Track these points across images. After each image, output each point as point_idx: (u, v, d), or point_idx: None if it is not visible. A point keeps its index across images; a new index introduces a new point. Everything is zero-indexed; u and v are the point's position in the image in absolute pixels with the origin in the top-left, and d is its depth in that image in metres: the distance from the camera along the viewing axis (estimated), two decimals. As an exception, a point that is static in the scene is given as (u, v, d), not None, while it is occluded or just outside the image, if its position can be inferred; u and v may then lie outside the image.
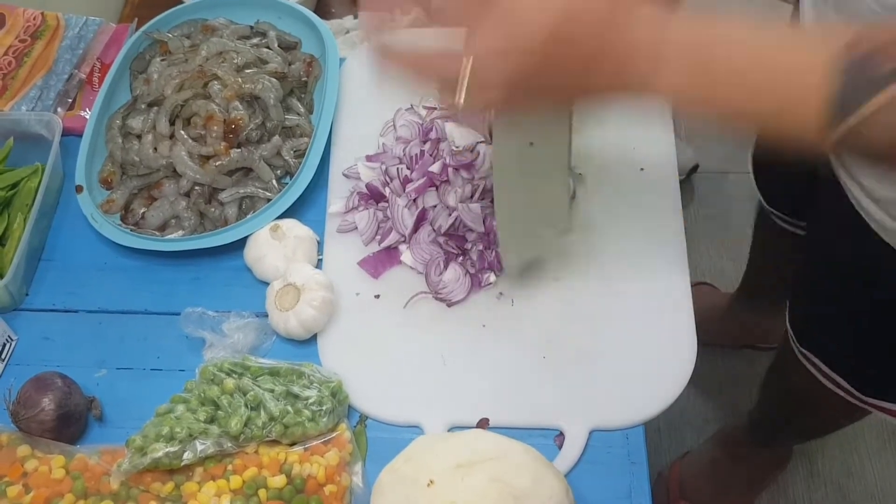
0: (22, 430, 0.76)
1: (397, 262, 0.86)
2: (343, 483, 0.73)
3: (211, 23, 1.03)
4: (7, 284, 0.84)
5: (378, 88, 0.95)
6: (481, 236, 0.85)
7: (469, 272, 0.84)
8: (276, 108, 0.94)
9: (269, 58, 0.98)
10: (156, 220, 0.90)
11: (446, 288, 0.83)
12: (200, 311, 0.82)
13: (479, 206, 0.85)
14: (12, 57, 1.03)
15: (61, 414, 0.76)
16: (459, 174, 0.87)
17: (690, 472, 1.47)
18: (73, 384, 0.78)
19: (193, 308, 0.82)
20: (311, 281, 0.81)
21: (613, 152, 0.92)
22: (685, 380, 0.78)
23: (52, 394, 0.76)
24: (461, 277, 0.84)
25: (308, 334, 0.82)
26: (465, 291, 0.83)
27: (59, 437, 0.76)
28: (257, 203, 0.91)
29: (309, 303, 0.80)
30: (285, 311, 0.81)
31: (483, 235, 0.85)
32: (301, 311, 0.80)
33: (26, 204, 0.91)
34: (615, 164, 0.91)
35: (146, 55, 1.02)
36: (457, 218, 0.85)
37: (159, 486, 0.73)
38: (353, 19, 1.13)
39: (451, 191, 0.86)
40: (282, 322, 0.81)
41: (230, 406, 0.74)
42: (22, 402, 0.76)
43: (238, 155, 0.91)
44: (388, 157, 0.92)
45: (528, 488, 0.66)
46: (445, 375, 0.80)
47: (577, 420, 0.76)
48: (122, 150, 0.94)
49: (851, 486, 1.54)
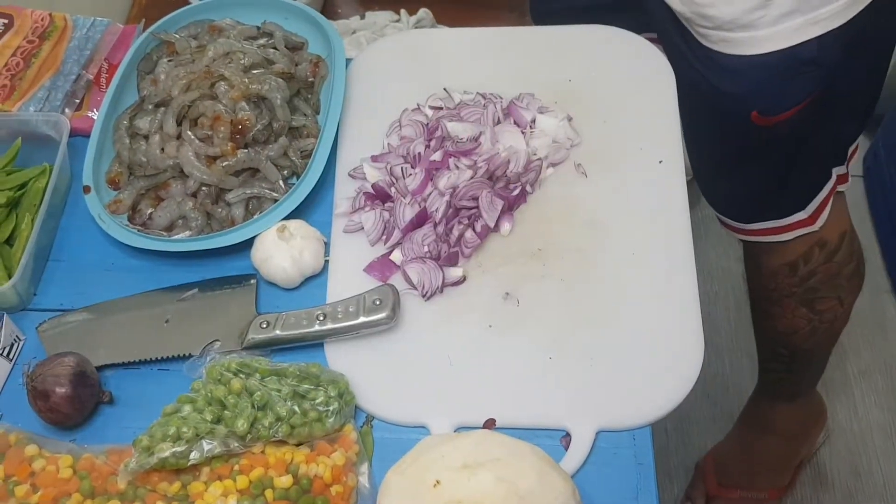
0: (36, 390, 0.77)
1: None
2: (349, 483, 0.73)
3: (218, 23, 1.03)
4: (15, 284, 0.84)
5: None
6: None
7: (476, 231, 0.85)
8: (283, 109, 0.94)
9: (276, 58, 0.98)
10: (163, 220, 0.91)
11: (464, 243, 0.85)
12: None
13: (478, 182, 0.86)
14: (20, 58, 1.04)
15: (79, 372, 0.77)
16: (460, 161, 0.87)
17: (724, 457, 1.50)
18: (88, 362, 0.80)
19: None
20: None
21: (620, 152, 0.91)
22: (692, 380, 0.78)
23: (71, 356, 0.79)
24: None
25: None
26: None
27: (74, 396, 0.77)
28: (264, 203, 0.91)
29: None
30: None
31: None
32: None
33: (34, 204, 0.91)
34: (622, 163, 0.91)
35: (153, 56, 1.03)
36: (448, 202, 0.85)
37: (166, 486, 0.73)
38: (359, 20, 1.13)
39: (445, 175, 0.86)
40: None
41: (237, 406, 0.74)
42: (41, 363, 0.79)
43: (245, 155, 0.91)
44: (392, 156, 0.92)
45: (534, 489, 0.66)
46: (452, 376, 0.80)
47: (583, 421, 0.76)
48: (129, 151, 0.95)
49: (859, 487, 1.54)
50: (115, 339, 0.84)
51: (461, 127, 0.91)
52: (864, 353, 1.68)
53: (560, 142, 0.91)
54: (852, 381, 1.66)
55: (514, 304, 0.83)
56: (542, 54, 0.81)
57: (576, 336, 0.81)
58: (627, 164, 0.91)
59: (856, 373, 1.67)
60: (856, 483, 1.54)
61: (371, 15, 1.11)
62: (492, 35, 1.02)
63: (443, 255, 0.84)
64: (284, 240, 0.85)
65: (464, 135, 0.90)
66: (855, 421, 1.61)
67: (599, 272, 0.84)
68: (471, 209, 0.86)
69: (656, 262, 0.84)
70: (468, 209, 0.87)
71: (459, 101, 0.95)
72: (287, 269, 0.84)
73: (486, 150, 0.89)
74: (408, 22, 1.09)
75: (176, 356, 0.82)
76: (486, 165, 0.87)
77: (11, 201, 0.92)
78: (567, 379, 0.78)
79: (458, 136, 0.90)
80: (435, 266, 0.84)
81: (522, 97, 0.94)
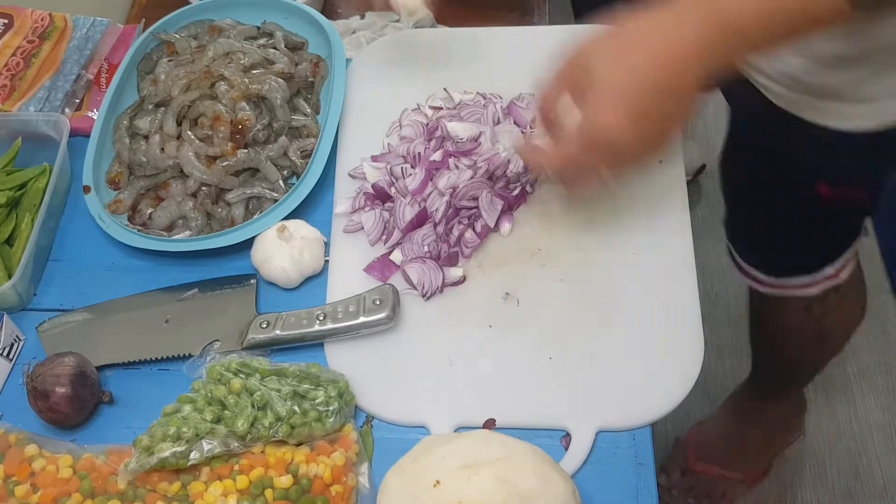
0: (36, 390, 0.77)
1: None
2: (349, 483, 0.73)
3: (218, 23, 1.03)
4: (15, 284, 0.84)
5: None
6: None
7: (476, 231, 0.86)
8: (283, 109, 0.94)
9: (276, 58, 0.98)
10: (163, 220, 0.91)
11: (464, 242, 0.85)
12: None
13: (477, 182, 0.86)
14: (20, 58, 1.04)
15: (79, 372, 0.78)
16: (460, 161, 0.88)
17: (705, 437, 1.50)
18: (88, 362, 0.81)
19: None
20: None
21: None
22: (693, 380, 0.78)
23: (71, 356, 0.79)
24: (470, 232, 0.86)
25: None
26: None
27: (74, 396, 0.77)
28: (264, 203, 0.91)
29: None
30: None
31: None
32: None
33: (34, 204, 0.91)
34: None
35: (153, 56, 1.03)
36: (448, 202, 0.86)
37: (166, 486, 0.73)
38: (359, 20, 1.13)
39: (445, 175, 0.86)
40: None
41: (237, 406, 0.74)
42: (41, 363, 0.79)
43: (245, 155, 0.91)
44: (392, 156, 0.92)
45: (534, 489, 0.66)
46: (452, 376, 0.80)
47: (583, 421, 0.76)
48: (129, 151, 0.95)
49: (859, 488, 1.54)
50: (115, 339, 0.84)
51: (461, 127, 0.91)
52: (864, 353, 1.69)
53: None
54: (852, 381, 1.66)
55: (514, 304, 0.83)
56: (543, 54, 0.81)
57: (576, 336, 0.81)
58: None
59: (856, 373, 1.67)
60: (856, 483, 1.54)
61: (371, 15, 1.11)
62: (492, 35, 1.02)
63: (443, 255, 0.84)
64: (284, 240, 0.85)
65: (464, 135, 0.90)
66: (855, 421, 1.61)
67: (599, 272, 0.84)
68: (471, 209, 0.86)
69: (656, 263, 0.84)
70: (468, 209, 0.87)
71: (459, 101, 0.95)
72: (287, 269, 0.84)
73: (486, 150, 0.89)
74: (407, 22, 1.09)
75: (176, 356, 0.82)
76: (486, 165, 0.87)
77: (11, 201, 0.92)
78: (567, 379, 0.78)
79: (458, 136, 0.90)
80: (435, 266, 0.84)
81: (522, 97, 0.94)
